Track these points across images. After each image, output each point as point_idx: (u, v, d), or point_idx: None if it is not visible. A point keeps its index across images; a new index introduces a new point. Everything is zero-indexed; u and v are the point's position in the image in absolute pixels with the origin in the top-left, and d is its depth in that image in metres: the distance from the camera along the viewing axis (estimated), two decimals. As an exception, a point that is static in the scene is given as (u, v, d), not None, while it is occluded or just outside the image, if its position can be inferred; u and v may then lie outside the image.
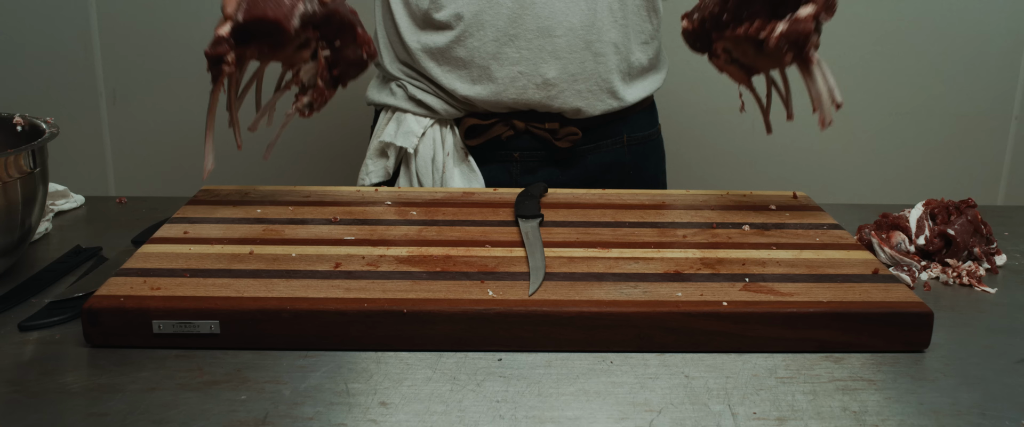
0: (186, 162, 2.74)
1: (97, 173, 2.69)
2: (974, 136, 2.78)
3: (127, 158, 2.75)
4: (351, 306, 0.81)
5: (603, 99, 1.28)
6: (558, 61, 1.23)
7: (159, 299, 0.82)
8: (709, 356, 0.82)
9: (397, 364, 0.80)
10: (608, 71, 1.26)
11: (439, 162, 1.29)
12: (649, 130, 1.40)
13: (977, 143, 2.79)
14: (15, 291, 0.92)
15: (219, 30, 0.93)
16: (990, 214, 1.25)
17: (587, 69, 1.24)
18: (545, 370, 0.80)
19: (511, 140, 1.29)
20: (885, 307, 0.83)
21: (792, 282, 0.88)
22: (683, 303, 0.82)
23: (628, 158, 1.36)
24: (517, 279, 0.87)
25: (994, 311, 0.93)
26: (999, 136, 2.84)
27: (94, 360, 0.79)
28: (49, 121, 1.01)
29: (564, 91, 1.24)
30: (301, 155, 2.65)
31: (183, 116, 2.61)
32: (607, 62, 1.25)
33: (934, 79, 2.73)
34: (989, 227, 1.06)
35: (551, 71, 1.23)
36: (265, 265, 0.90)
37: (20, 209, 0.93)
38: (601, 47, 1.24)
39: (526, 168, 1.31)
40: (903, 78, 2.74)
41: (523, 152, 1.30)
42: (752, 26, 0.95)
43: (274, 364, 0.79)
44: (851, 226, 1.19)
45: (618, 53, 1.26)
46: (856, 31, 2.68)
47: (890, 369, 0.80)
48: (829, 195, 2.83)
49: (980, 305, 0.94)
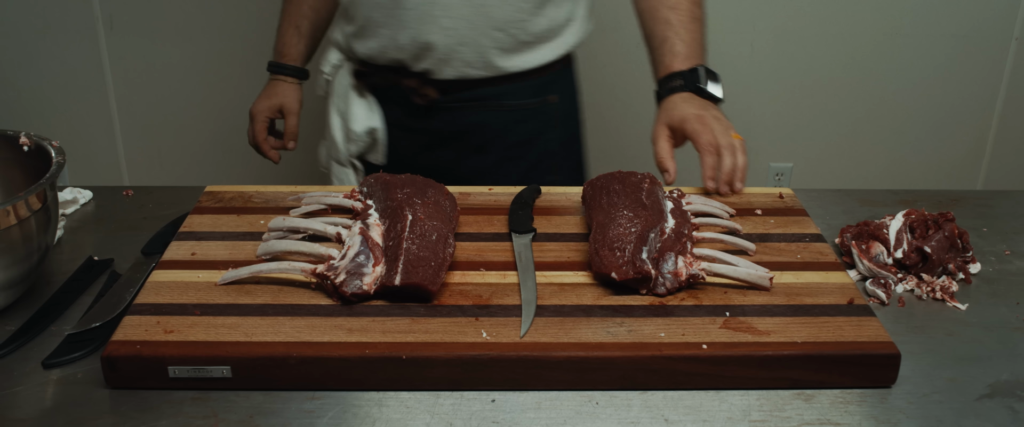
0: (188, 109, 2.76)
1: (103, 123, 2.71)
2: (957, 121, 2.82)
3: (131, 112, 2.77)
4: (353, 351, 0.86)
5: (480, 69, 1.38)
6: (442, 30, 1.33)
7: (173, 345, 0.87)
8: (688, 395, 0.88)
9: (398, 407, 0.86)
10: (489, 43, 1.35)
11: (343, 95, 1.49)
12: (535, 98, 1.46)
13: (960, 128, 2.84)
14: (34, 319, 0.97)
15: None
16: (970, 202, 1.28)
17: (468, 39, 1.34)
18: (536, 413, 0.85)
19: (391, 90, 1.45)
20: (856, 348, 0.88)
21: (770, 316, 0.93)
22: (665, 346, 0.88)
23: (505, 123, 1.46)
24: (510, 315, 0.92)
25: (963, 333, 0.98)
26: (982, 121, 2.88)
27: (116, 405, 0.85)
28: (55, 144, 1.04)
29: (447, 58, 1.36)
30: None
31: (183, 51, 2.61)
32: (490, 34, 1.34)
33: (919, 62, 2.75)
34: (966, 236, 1.10)
35: (434, 37, 1.34)
36: (271, 297, 0.95)
37: (36, 238, 0.97)
38: (483, 20, 1.33)
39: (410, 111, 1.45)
40: (889, 62, 2.75)
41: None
42: None
43: (283, 407, 0.85)
44: (835, 218, 1.23)
45: (501, 27, 1.34)
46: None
47: (857, 409, 0.86)
48: (817, 176, 2.88)
49: (950, 326, 0.99)
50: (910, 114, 2.79)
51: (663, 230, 1.01)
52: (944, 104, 2.77)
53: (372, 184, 1.11)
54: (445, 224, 1.02)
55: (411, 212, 1.01)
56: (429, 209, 1.03)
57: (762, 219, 1.14)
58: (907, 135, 2.82)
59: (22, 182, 1.07)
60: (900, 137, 2.82)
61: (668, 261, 0.97)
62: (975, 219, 1.24)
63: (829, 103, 2.76)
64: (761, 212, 1.16)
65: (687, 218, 1.06)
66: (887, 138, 2.82)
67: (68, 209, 1.20)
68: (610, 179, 1.12)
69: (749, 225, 1.12)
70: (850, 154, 2.85)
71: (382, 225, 1.02)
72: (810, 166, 2.87)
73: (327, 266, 0.95)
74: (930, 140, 2.83)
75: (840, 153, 2.85)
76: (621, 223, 1.01)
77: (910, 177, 2.90)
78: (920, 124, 2.80)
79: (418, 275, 0.93)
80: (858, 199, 1.30)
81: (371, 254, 0.96)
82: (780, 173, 2.88)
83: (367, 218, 1.03)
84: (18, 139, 1.06)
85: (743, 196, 1.20)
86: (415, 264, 0.94)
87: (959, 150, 2.86)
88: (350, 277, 0.94)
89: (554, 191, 1.21)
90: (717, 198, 1.18)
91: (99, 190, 1.28)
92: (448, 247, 0.98)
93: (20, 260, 0.96)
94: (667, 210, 1.06)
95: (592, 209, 1.09)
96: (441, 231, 1.00)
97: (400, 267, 0.94)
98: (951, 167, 2.89)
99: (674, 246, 0.99)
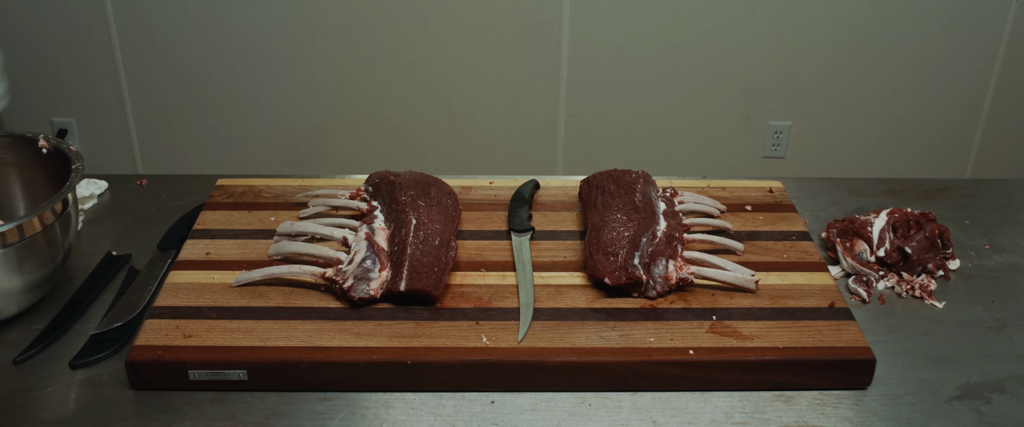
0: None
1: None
2: (956, 80, 2.84)
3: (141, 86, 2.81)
4: (362, 356, 0.92)
5: None
6: None
7: (192, 350, 0.93)
8: (675, 396, 0.94)
9: (404, 408, 0.92)
10: None
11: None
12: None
13: (960, 83, 2.86)
14: (59, 318, 1.03)
15: None
16: (955, 193, 1.33)
17: None
18: (532, 414, 0.91)
19: None
20: (834, 353, 0.94)
21: (755, 320, 0.98)
22: (654, 351, 0.93)
23: None
24: (509, 319, 0.98)
25: (938, 333, 1.04)
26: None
27: (140, 406, 0.91)
28: (73, 149, 1.08)
29: None
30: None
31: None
32: None
33: (919, 20, 2.76)
34: (947, 233, 1.15)
35: None
36: (283, 299, 1.00)
37: (59, 240, 1.02)
38: None
39: None
40: (889, 20, 2.76)
41: None
42: None
43: (297, 409, 0.91)
44: (823, 209, 1.27)
45: None
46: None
47: (833, 411, 0.92)
48: (815, 134, 2.91)
49: (926, 325, 1.05)
50: (909, 75, 2.82)
51: (655, 234, 1.06)
52: (943, 64, 2.79)
53: (377, 184, 1.15)
54: (447, 226, 1.07)
55: (415, 216, 1.06)
56: (432, 212, 1.08)
57: (751, 216, 1.19)
58: (906, 95, 2.84)
59: (42, 181, 1.12)
60: (899, 96, 2.84)
61: (659, 265, 1.02)
62: (958, 211, 1.28)
63: (828, 63, 2.79)
64: (751, 208, 1.20)
65: (678, 220, 1.11)
66: (886, 97, 2.85)
67: (86, 204, 1.25)
68: (605, 177, 1.17)
69: (739, 222, 1.17)
70: (848, 114, 2.88)
71: (387, 229, 1.07)
72: (808, 125, 2.91)
73: (335, 271, 1.00)
74: (928, 100, 2.86)
75: (838, 113, 2.88)
76: (615, 227, 1.05)
77: (908, 138, 2.93)
78: (919, 84, 2.83)
79: (422, 282, 0.98)
80: (847, 188, 1.34)
81: (377, 259, 1.01)
82: (779, 131, 2.92)
83: (373, 222, 1.08)
84: (37, 142, 1.10)
85: (734, 191, 1.25)
86: (419, 271, 0.99)
87: (957, 110, 2.89)
88: (357, 282, 0.99)
89: (552, 185, 1.26)
90: (709, 194, 1.23)
91: (113, 179, 1.33)
92: (450, 251, 1.03)
93: (45, 263, 1.01)
94: (659, 212, 1.11)
95: (587, 208, 1.13)
96: (444, 235, 1.05)
97: (405, 274, 0.99)
98: (948, 128, 2.92)
99: (665, 251, 1.04)
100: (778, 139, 2.93)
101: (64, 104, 2.83)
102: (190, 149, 2.91)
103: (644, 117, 2.88)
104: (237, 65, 2.76)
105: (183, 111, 2.84)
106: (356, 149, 2.91)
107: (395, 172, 1.17)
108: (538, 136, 2.91)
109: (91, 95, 2.81)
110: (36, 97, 2.81)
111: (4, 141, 1.13)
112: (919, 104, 2.86)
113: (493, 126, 2.89)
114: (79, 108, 2.84)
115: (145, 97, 2.82)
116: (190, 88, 2.80)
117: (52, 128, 2.85)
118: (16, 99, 2.80)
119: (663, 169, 2.97)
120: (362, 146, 2.91)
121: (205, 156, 2.91)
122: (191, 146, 2.90)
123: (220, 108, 2.83)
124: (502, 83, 2.81)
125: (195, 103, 2.82)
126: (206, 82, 2.79)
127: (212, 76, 2.78)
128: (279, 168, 2.92)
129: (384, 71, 2.79)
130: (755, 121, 2.90)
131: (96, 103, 2.82)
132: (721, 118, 2.89)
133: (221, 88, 2.80)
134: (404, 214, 1.07)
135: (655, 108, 2.87)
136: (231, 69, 2.76)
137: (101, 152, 2.90)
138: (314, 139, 2.88)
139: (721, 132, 2.91)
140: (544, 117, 2.87)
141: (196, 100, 2.81)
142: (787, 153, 2.96)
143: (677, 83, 2.82)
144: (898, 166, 2.98)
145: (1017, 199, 1.32)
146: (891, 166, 2.98)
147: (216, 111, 2.84)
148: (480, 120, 2.89)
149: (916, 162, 2.97)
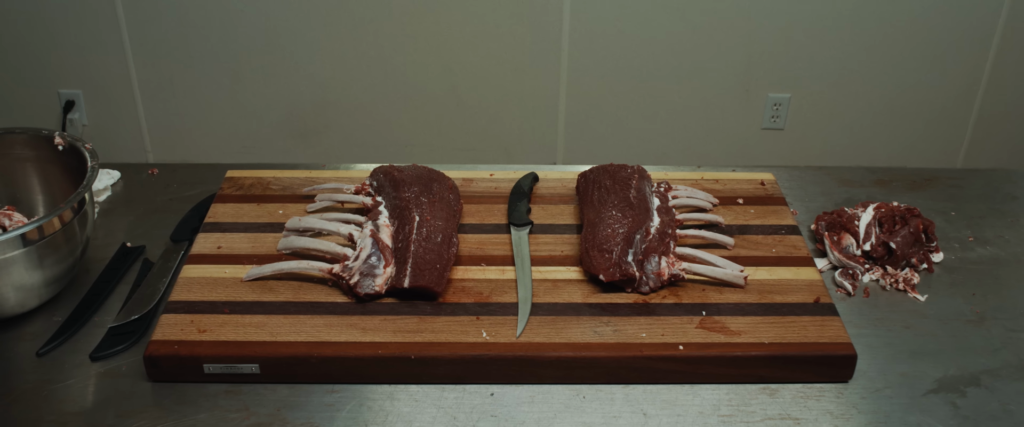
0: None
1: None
2: (955, 56, 2.86)
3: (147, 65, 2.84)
4: (368, 351, 0.97)
5: None
6: None
7: (207, 345, 0.97)
8: (665, 389, 0.99)
9: (407, 400, 0.97)
10: None
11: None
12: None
13: (960, 58, 2.88)
14: (78, 310, 1.08)
15: None
16: (943, 183, 1.37)
17: None
18: (529, 406, 0.96)
19: None
20: (817, 349, 0.98)
21: (743, 315, 1.03)
22: (646, 346, 0.98)
23: None
24: (508, 314, 1.02)
25: (919, 326, 1.08)
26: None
27: (158, 398, 0.96)
28: (89, 147, 1.12)
29: None
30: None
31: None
32: None
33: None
34: (932, 227, 1.19)
35: None
36: (292, 294, 1.05)
37: (77, 235, 1.07)
38: None
39: None
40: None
41: None
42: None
43: (306, 401, 0.97)
44: (814, 200, 1.31)
45: None
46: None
47: (815, 404, 0.97)
48: (814, 107, 2.94)
49: (908, 318, 1.09)
50: (908, 51, 2.84)
51: (648, 231, 1.10)
52: (942, 39, 2.81)
53: (381, 179, 1.19)
54: (449, 222, 1.11)
55: (418, 213, 1.10)
56: (435, 208, 1.12)
57: (743, 209, 1.23)
58: (905, 70, 2.87)
59: (59, 177, 1.17)
60: (899, 69, 2.86)
61: (652, 262, 1.06)
62: (945, 202, 1.32)
63: (829, 36, 2.80)
64: (743, 201, 1.24)
65: (672, 215, 1.15)
66: (886, 70, 2.87)
67: (100, 197, 1.29)
68: (601, 173, 1.21)
69: (730, 215, 1.21)
70: (848, 86, 2.90)
71: (391, 226, 1.11)
72: (807, 98, 2.93)
73: (342, 267, 1.05)
74: (927, 76, 2.88)
75: (838, 85, 2.90)
76: (610, 224, 1.10)
77: (905, 113, 2.96)
78: (918, 59, 2.85)
79: (425, 278, 1.03)
80: (837, 179, 1.38)
81: (382, 256, 1.06)
82: (778, 103, 2.94)
83: (377, 218, 1.12)
84: (53, 138, 1.14)
85: (727, 183, 1.29)
86: (422, 267, 1.04)
87: (955, 87, 2.91)
88: (363, 278, 1.04)
89: (551, 177, 1.30)
90: (702, 186, 1.27)
91: (125, 169, 1.37)
92: (452, 247, 1.08)
93: (65, 258, 1.06)
94: (653, 208, 1.15)
95: (584, 203, 1.17)
96: (445, 232, 1.09)
97: (408, 270, 1.04)
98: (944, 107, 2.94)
99: (658, 248, 1.08)
100: (777, 111, 2.96)
101: (71, 76, 2.86)
102: (196, 120, 2.94)
103: (645, 89, 2.91)
104: (242, 39, 2.79)
105: (189, 84, 2.87)
106: (360, 122, 2.95)
107: (399, 167, 1.21)
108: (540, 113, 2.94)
109: (97, 66, 2.84)
110: (43, 68, 2.84)
111: (22, 138, 1.17)
112: (919, 82, 2.89)
113: (496, 99, 2.92)
114: (85, 80, 2.87)
115: (151, 68, 2.84)
116: (196, 61, 2.83)
117: (59, 99, 2.89)
118: (24, 70, 2.84)
119: (663, 140, 3.00)
120: (365, 119, 2.94)
121: (211, 127, 2.95)
122: (197, 118, 2.94)
123: (226, 80, 2.86)
124: (505, 57, 2.84)
125: (202, 75, 2.85)
126: (212, 54, 2.81)
127: (218, 48, 2.80)
128: (283, 141, 2.96)
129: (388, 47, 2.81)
130: (755, 93, 2.93)
131: (102, 74, 2.85)
132: (721, 90, 2.91)
133: (226, 61, 2.83)
134: (407, 211, 1.11)
135: (656, 80, 2.89)
136: (236, 43, 2.79)
137: (108, 123, 2.93)
138: (319, 113, 2.91)
139: (721, 103, 2.94)
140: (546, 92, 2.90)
141: (203, 72, 2.84)
142: (786, 125, 2.99)
143: (678, 55, 2.84)
144: (897, 138, 3.01)
145: (1003, 190, 1.36)
146: (890, 138, 3.01)
147: (222, 83, 2.87)
148: (483, 91, 2.91)
149: (915, 133, 3.00)
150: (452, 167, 1.31)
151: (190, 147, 2.99)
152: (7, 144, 1.18)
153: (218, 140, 2.97)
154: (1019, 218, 1.29)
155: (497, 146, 3.01)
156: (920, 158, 3.05)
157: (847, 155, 3.05)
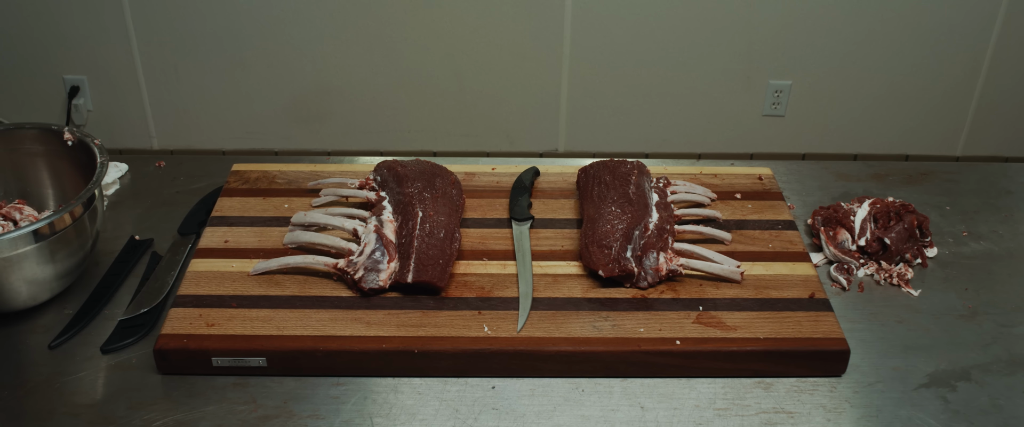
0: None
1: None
2: (954, 43, 2.86)
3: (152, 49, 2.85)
4: (372, 345, 0.99)
5: None
6: None
7: (215, 338, 1.00)
8: (662, 383, 1.01)
9: (411, 393, 0.99)
10: None
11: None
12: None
13: (959, 46, 2.88)
14: (88, 303, 1.10)
15: None
16: (939, 177, 1.38)
17: None
18: (529, 399, 0.99)
19: None
20: (811, 344, 1.01)
21: (739, 310, 1.05)
22: (644, 341, 1.00)
23: None
24: (509, 308, 1.05)
25: (912, 321, 1.10)
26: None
27: (168, 390, 0.99)
28: (97, 142, 1.14)
29: None
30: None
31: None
32: None
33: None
34: (926, 222, 1.21)
35: None
36: (298, 288, 1.07)
37: (88, 229, 1.09)
38: None
39: None
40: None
41: None
42: None
43: (313, 393, 0.99)
44: (811, 195, 1.33)
45: None
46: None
47: (808, 398, 0.99)
48: (815, 95, 2.95)
49: (901, 313, 1.12)
50: (909, 38, 2.85)
51: (647, 226, 1.12)
52: (943, 26, 2.82)
53: (385, 174, 1.21)
54: (452, 217, 1.14)
55: (421, 209, 1.12)
56: (438, 203, 1.15)
57: (741, 204, 1.25)
58: (906, 57, 2.88)
59: (68, 171, 1.19)
60: (900, 56, 2.87)
61: (650, 258, 1.09)
62: (940, 196, 1.34)
63: (830, 23, 2.81)
64: (740, 196, 1.26)
65: (670, 211, 1.17)
66: (887, 57, 2.88)
67: (109, 190, 1.31)
68: (601, 168, 1.22)
69: (728, 210, 1.23)
70: (849, 73, 2.92)
71: (395, 221, 1.13)
72: (809, 85, 2.94)
73: (347, 262, 1.07)
74: (928, 63, 2.89)
75: (838, 72, 2.92)
76: (609, 220, 1.12)
77: (906, 101, 2.97)
78: (919, 46, 2.86)
79: (428, 273, 1.05)
80: (834, 173, 1.40)
81: (386, 251, 1.08)
82: (779, 90, 2.96)
83: (381, 213, 1.14)
84: (63, 134, 1.16)
85: (725, 178, 1.30)
86: (425, 263, 1.06)
87: (954, 75, 2.92)
88: (367, 273, 1.06)
89: (552, 171, 1.32)
90: (701, 181, 1.28)
91: (133, 161, 1.39)
92: (454, 242, 1.10)
93: (75, 252, 1.08)
94: (652, 204, 1.17)
95: (584, 199, 1.19)
96: (448, 227, 1.11)
97: (412, 266, 1.06)
98: (944, 94, 2.96)
99: (656, 243, 1.10)
100: (778, 98, 2.97)
101: (76, 62, 2.88)
102: (200, 106, 2.96)
103: (647, 75, 2.92)
104: (246, 25, 2.80)
105: (193, 69, 2.89)
106: (363, 108, 2.96)
107: (402, 162, 1.23)
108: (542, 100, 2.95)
109: (102, 52, 2.86)
110: (49, 54, 2.86)
111: (32, 133, 1.19)
112: (920, 63, 2.89)
113: (498, 85, 2.94)
114: (90, 65, 2.89)
115: (156, 54, 2.86)
116: (200, 46, 2.84)
117: (65, 85, 2.90)
118: (29, 56, 2.85)
119: (665, 126, 3.02)
120: (368, 105, 2.96)
121: (215, 112, 2.97)
122: (201, 103, 2.96)
123: (230, 66, 2.88)
124: (507, 44, 2.85)
125: (205, 61, 2.87)
126: (216, 40, 2.83)
127: (222, 34, 2.82)
128: (287, 125, 2.98)
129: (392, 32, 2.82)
130: (756, 80, 2.94)
131: (107, 60, 2.87)
132: (722, 77, 2.93)
133: (230, 46, 2.84)
134: (411, 206, 1.13)
135: (657, 66, 2.91)
136: (240, 27, 2.80)
137: (113, 108, 2.95)
138: (322, 98, 2.93)
139: (722, 91, 2.95)
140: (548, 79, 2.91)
141: (206, 58, 2.86)
142: (787, 112, 3.00)
143: (680, 42, 2.86)
144: (897, 125, 3.02)
145: (998, 184, 1.38)
146: (890, 125, 3.02)
147: (225, 68, 2.88)
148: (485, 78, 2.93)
149: (915, 119, 3.02)
150: (454, 160, 1.33)
151: (194, 132, 3.01)
152: (17, 139, 1.20)
153: (222, 125, 2.99)
154: (1013, 213, 1.31)
155: (499, 132, 3.03)
156: (921, 145, 3.07)
157: (848, 142, 3.06)
